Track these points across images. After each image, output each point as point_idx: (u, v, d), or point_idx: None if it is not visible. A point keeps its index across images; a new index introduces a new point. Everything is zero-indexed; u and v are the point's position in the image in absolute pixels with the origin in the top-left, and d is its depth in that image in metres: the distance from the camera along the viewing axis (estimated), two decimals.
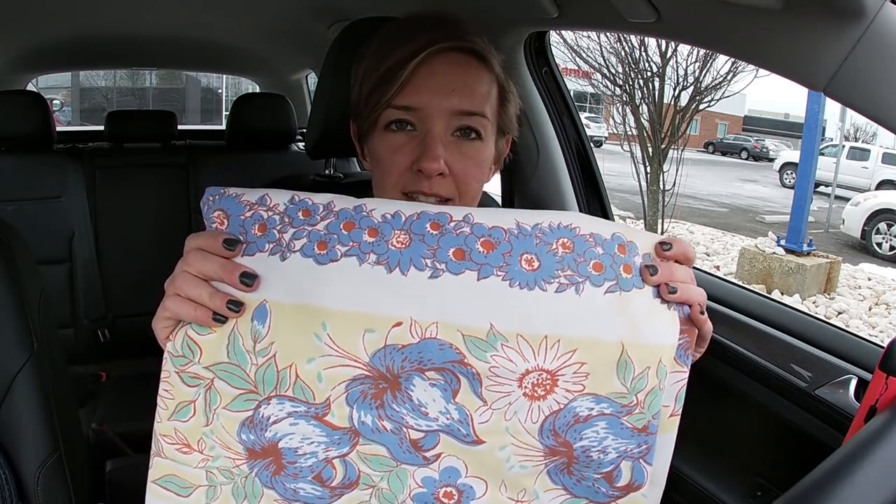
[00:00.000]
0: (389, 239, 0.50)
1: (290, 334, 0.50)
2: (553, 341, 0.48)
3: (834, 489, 0.48)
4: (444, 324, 0.48)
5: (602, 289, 0.49)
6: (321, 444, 0.52)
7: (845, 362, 0.90)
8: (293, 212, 0.52)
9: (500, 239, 0.49)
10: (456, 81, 0.65)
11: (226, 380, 0.52)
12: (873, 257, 7.59)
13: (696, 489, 1.04)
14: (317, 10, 1.66)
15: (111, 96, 12.61)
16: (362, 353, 0.49)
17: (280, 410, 0.52)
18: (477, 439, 0.51)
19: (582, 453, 0.51)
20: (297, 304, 0.50)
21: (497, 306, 0.48)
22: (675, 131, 6.66)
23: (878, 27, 0.60)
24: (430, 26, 0.66)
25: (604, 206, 1.32)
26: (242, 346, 0.51)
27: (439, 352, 0.48)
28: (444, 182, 0.66)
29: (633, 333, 0.49)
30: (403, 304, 0.49)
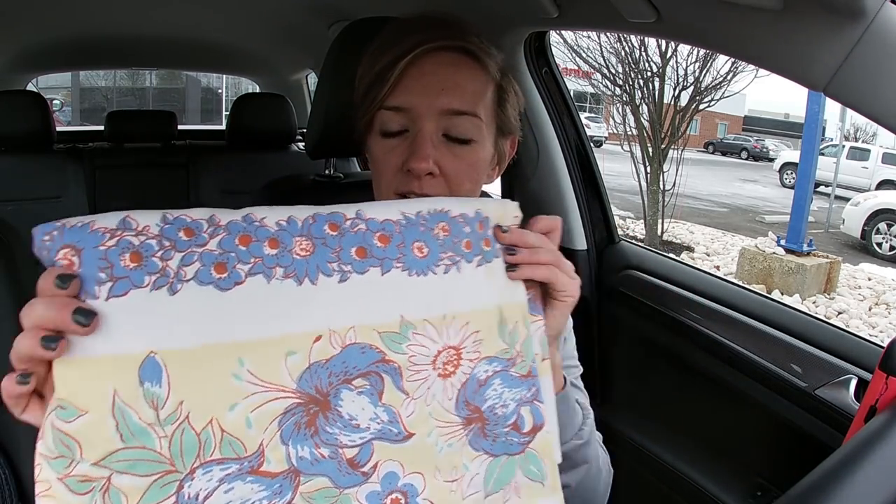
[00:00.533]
0: (292, 248, 0.47)
1: (200, 385, 0.43)
2: (450, 318, 0.51)
3: (834, 489, 0.48)
4: (361, 326, 0.48)
5: (474, 263, 0.53)
6: (262, 500, 0.45)
7: (845, 362, 0.90)
8: (171, 233, 0.44)
9: (393, 231, 0.50)
10: (446, 81, 0.65)
11: (128, 471, 0.41)
12: (873, 257, 7.59)
13: (696, 489, 1.04)
14: (317, 10, 1.66)
15: (111, 96, 12.62)
16: (288, 381, 0.46)
17: (209, 481, 0.43)
18: (407, 433, 0.50)
19: (490, 413, 0.54)
20: (202, 347, 0.44)
21: (403, 297, 0.50)
22: (675, 131, 6.65)
23: (878, 27, 0.60)
24: (424, 27, 0.66)
25: (604, 206, 1.33)
26: (139, 421, 0.41)
27: (361, 356, 0.48)
28: (434, 183, 0.66)
29: (501, 296, 0.55)
30: (319, 316, 0.47)
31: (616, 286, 1.25)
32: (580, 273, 0.61)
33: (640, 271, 1.23)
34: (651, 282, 1.20)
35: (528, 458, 0.55)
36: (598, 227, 1.32)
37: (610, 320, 1.27)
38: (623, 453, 1.19)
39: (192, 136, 2.57)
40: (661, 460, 1.11)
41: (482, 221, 0.55)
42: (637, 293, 1.21)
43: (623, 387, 1.28)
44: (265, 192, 0.97)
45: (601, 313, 1.28)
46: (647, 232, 6.83)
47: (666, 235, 6.90)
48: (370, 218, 0.50)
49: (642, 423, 1.21)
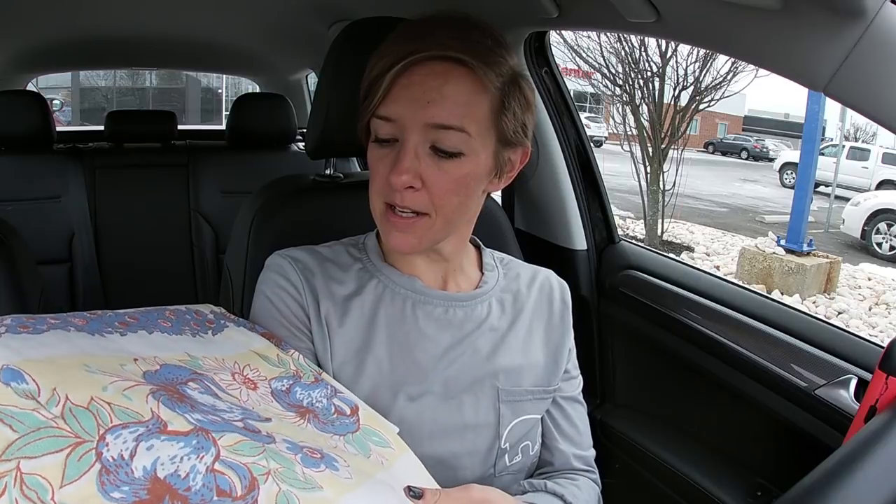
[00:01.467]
0: (69, 320, 0.57)
1: (64, 376, 0.46)
2: (220, 360, 0.62)
3: (834, 489, 0.48)
4: (161, 356, 0.57)
5: (210, 333, 0.66)
6: (191, 454, 0.44)
7: (845, 362, 0.90)
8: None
9: (137, 314, 0.63)
10: (432, 93, 0.63)
11: (35, 454, 0.40)
12: (873, 257, 7.59)
13: (696, 489, 1.04)
14: (317, 10, 1.66)
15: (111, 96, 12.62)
16: (135, 377, 0.51)
17: (124, 442, 0.43)
18: (266, 417, 0.55)
19: (312, 407, 0.61)
20: (48, 358, 0.48)
21: (176, 346, 0.61)
22: (675, 131, 6.65)
23: (878, 27, 0.60)
24: (425, 33, 0.65)
25: (604, 206, 1.33)
26: (21, 410, 0.42)
27: (178, 370, 0.55)
28: (416, 196, 0.66)
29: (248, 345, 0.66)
30: (124, 350, 0.55)
31: (616, 286, 1.25)
32: (580, 273, 0.61)
33: (639, 271, 1.23)
34: (651, 282, 1.20)
35: (366, 432, 0.61)
36: (598, 227, 1.31)
37: (610, 320, 1.27)
38: (623, 453, 1.19)
39: (192, 136, 2.57)
40: (661, 460, 1.11)
41: (197, 311, 0.68)
42: (637, 293, 1.21)
43: (623, 387, 1.28)
44: (265, 192, 0.97)
45: (601, 313, 1.28)
46: (647, 232, 6.83)
47: (666, 235, 6.90)
48: (112, 312, 0.62)
49: (642, 423, 1.20)
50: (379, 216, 0.70)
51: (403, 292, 0.75)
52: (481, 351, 0.75)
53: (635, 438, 1.18)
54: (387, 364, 0.72)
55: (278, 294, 0.73)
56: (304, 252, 0.76)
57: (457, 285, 0.78)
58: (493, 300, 0.79)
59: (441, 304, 0.75)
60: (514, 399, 0.76)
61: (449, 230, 0.71)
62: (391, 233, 0.69)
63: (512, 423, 0.75)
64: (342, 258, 0.76)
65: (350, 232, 0.82)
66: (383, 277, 0.75)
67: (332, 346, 0.72)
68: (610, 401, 1.29)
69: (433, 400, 0.72)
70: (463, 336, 0.75)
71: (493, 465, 0.74)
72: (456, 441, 0.72)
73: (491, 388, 0.75)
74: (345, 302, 0.73)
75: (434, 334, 0.74)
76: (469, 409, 0.73)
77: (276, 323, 0.73)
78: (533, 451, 0.78)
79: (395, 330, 0.73)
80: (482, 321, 0.76)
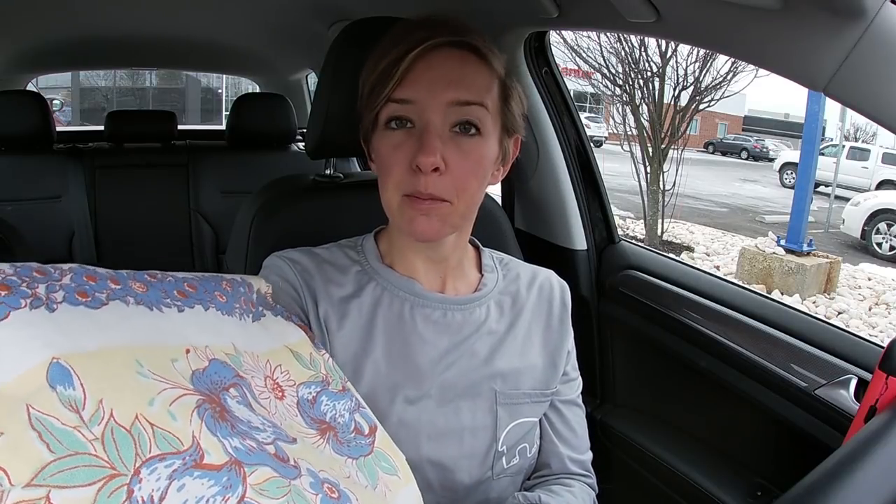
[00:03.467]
0: (130, 285, 0.54)
1: (113, 382, 0.44)
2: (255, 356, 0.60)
3: (834, 489, 0.48)
4: (213, 346, 0.55)
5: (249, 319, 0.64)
6: (216, 496, 0.44)
7: (845, 362, 0.90)
8: (26, 272, 0.48)
9: (195, 282, 0.61)
10: (453, 74, 0.65)
11: (67, 483, 0.38)
12: (873, 257, 7.58)
13: (696, 489, 1.04)
14: (317, 10, 1.66)
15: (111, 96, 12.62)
16: (183, 381, 0.48)
17: (157, 480, 0.42)
18: (291, 437, 0.54)
19: (334, 422, 0.61)
20: (101, 349, 0.46)
21: (226, 331, 0.59)
22: (675, 131, 6.65)
23: (878, 27, 0.60)
24: (429, 26, 0.67)
25: (604, 206, 1.32)
26: (62, 426, 0.40)
27: (224, 368, 0.54)
28: (440, 181, 0.65)
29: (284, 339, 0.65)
30: (180, 335, 0.53)
31: (616, 286, 1.25)
32: (580, 273, 0.62)
33: (639, 271, 1.23)
34: (651, 282, 1.20)
35: (378, 456, 0.61)
36: (598, 227, 1.31)
37: (610, 320, 1.27)
38: (623, 453, 1.19)
39: (192, 136, 2.57)
40: (661, 460, 1.11)
41: (248, 285, 0.67)
42: (637, 293, 1.21)
43: (623, 387, 1.28)
44: (265, 192, 0.97)
45: (601, 313, 1.28)
46: (647, 232, 6.83)
47: (666, 235, 6.90)
48: (172, 275, 0.60)
49: (642, 423, 1.20)
50: (396, 207, 0.68)
51: (402, 295, 0.74)
52: (479, 354, 0.75)
53: (635, 438, 1.18)
54: (385, 367, 0.72)
55: (277, 295, 0.73)
56: (303, 254, 0.76)
57: (455, 288, 0.78)
58: (492, 303, 0.78)
59: (439, 308, 0.75)
60: (512, 402, 0.76)
61: (466, 217, 0.72)
62: (416, 219, 0.67)
63: (509, 426, 0.75)
64: (340, 260, 0.76)
65: (350, 232, 0.82)
66: (381, 280, 0.75)
67: (330, 349, 0.71)
68: (610, 401, 1.29)
69: (431, 403, 0.72)
70: (461, 340, 0.75)
71: (490, 468, 0.74)
72: (454, 444, 0.72)
73: (488, 392, 0.75)
74: (343, 304, 0.73)
75: (432, 338, 0.74)
76: (466, 412, 0.73)
77: None
78: (531, 454, 0.78)
79: (393, 333, 0.73)
80: (480, 325, 0.76)
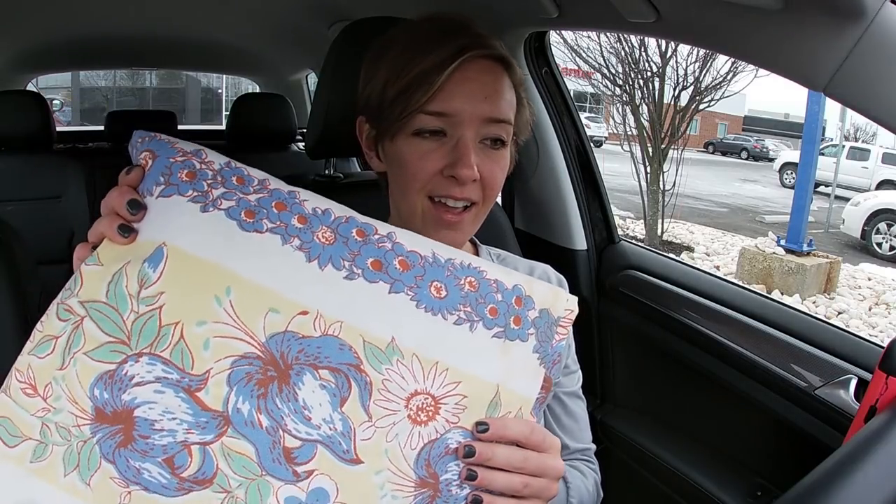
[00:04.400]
0: (316, 231, 0.51)
1: (185, 288, 0.47)
2: (442, 369, 0.50)
3: (834, 489, 0.48)
4: (348, 325, 0.48)
5: (492, 332, 0.52)
6: (184, 423, 0.46)
7: (845, 362, 0.90)
8: (227, 175, 0.52)
9: (416, 263, 0.51)
10: (488, 89, 0.66)
11: (97, 322, 0.47)
12: (873, 257, 7.58)
13: (696, 489, 1.04)
14: (317, 10, 1.66)
15: (111, 96, 12.61)
16: (260, 332, 0.47)
17: (148, 372, 0.46)
18: (356, 458, 0.48)
19: (444, 487, 0.50)
20: (203, 259, 0.48)
21: (401, 322, 0.50)
22: (675, 131, 6.65)
23: (878, 27, 0.60)
24: (456, 31, 0.67)
25: (604, 206, 1.33)
26: (125, 289, 0.48)
27: (338, 351, 0.48)
28: (473, 187, 0.67)
29: (507, 379, 0.52)
30: (314, 295, 0.49)
31: (616, 286, 1.25)
32: (580, 273, 0.61)
33: (639, 271, 1.23)
34: (651, 282, 1.20)
35: None
36: (598, 227, 1.32)
37: (610, 320, 1.27)
38: (623, 453, 1.19)
39: (192, 137, 2.57)
40: (661, 460, 1.11)
41: (521, 298, 0.53)
42: (637, 293, 1.21)
43: (623, 387, 1.28)
44: None
45: (601, 313, 1.28)
46: (647, 232, 6.83)
47: (666, 235, 6.90)
48: (398, 242, 0.52)
49: (642, 423, 1.20)
50: (421, 213, 0.68)
51: None
52: None
53: (635, 438, 1.18)
54: None
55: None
56: None
57: None
58: None
59: None
60: None
61: (483, 218, 0.74)
62: (441, 231, 0.68)
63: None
64: None
65: None
66: None
67: None
68: (610, 401, 1.29)
69: None
70: None
71: None
72: None
73: None
74: None
75: None
76: None
77: None
78: None
79: None
80: None
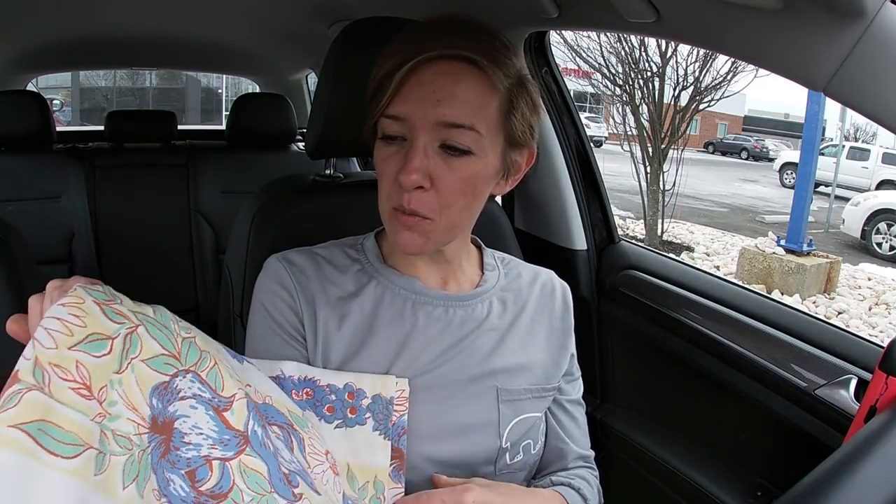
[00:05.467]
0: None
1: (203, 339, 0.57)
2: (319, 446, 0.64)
3: (834, 489, 0.48)
4: (275, 398, 0.62)
5: (332, 425, 0.66)
6: (209, 438, 0.50)
7: (845, 362, 0.90)
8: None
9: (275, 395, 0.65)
10: (443, 91, 0.63)
11: (153, 335, 0.50)
12: (873, 257, 7.58)
13: (696, 489, 1.04)
14: (317, 10, 1.66)
15: (111, 96, 12.60)
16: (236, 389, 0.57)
17: (188, 388, 0.51)
18: (317, 491, 0.57)
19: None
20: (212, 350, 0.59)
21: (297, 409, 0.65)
22: (675, 131, 6.65)
23: (878, 27, 0.60)
24: (433, 34, 0.65)
25: (604, 206, 1.32)
26: (168, 314, 0.54)
27: (277, 414, 0.60)
28: (424, 197, 0.65)
29: (355, 457, 0.66)
30: (246, 378, 0.61)
31: (616, 286, 1.25)
32: (580, 273, 0.62)
33: (639, 271, 1.23)
34: (651, 282, 1.20)
35: None
36: (598, 227, 1.31)
37: (610, 320, 1.27)
38: (623, 453, 1.19)
39: (192, 136, 2.57)
40: (661, 460, 1.11)
41: (352, 392, 0.68)
42: (637, 293, 1.21)
43: (623, 387, 1.28)
44: (265, 192, 0.97)
45: (601, 313, 1.28)
46: (647, 232, 6.83)
47: (666, 235, 6.90)
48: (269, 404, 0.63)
49: (642, 423, 1.20)
50: (387, 218, 0.70)
51: (403, 293, 0.74)
52: (481, 350, 0.75)
53: (635, 438, 1.18)
54: (386, 365, 0.72)
55: (272, 300, 0.73)
56: (301, 255, 0.75)
57: (457, 285, 0.78)
58: (494, 299, 0.79)
59: (441, 305, 0.75)
60: (514, 398, 0.76)
61: (453, 233, 0.72)
62: (399, 232, 0.68)
63: (512, 422, 0.75)
64: (340, 259, 0.76)
65: (350, 232, 0.82)
66: (382, 279, 0.75)
67: (329, 351, 0.71)
68: (610, 401, 1.29)
69: (433, 400, 0.72)
70: (463, 336, 0.75)
71: (493, 464, 0.74)
72: (456, 441, 0.72)
73: (490, 388, 0.75)
74: (343, 304, 0.73)
75: (434, 335, 0.74)
76: (469, 408, 0.73)
77: (270, 330, 0.72)
78: (535, 450, 0.78)
79: (394, 331, 0.73)
80: (482, 321, 0.76)
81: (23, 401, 0.40)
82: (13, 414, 0.39)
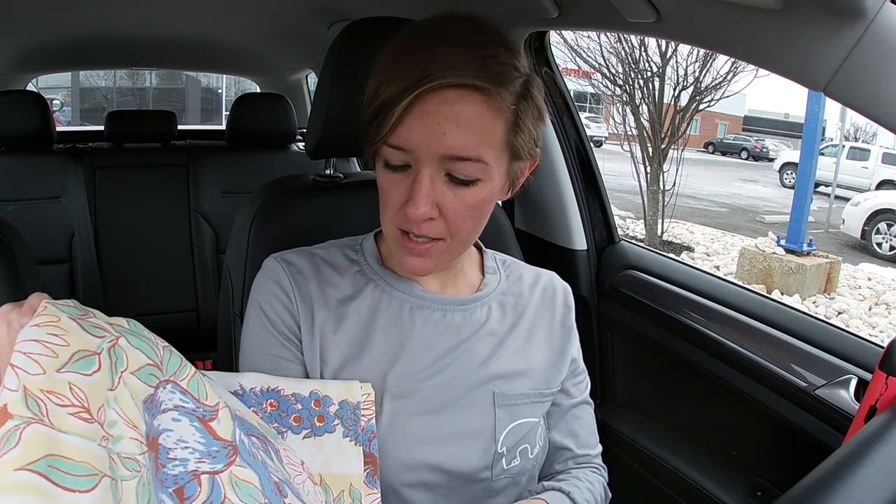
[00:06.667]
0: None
1: None
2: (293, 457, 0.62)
3: (834, 489, 0.48)
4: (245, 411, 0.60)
5: (300, 435, 0.64)
6: (196, 451, 0.46)
7: (845, 362, 0.90)
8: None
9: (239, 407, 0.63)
10: (448, 122, 0.60)
11: (135, 345, 0.48)
12: (873, 257, 7.58)
13: (696, 489, 1.04)
14: (317, 10, 1.66)
15: (111, 96, 12.60)
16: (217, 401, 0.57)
17: (170, 400, 0.47)
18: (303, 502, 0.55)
19: None
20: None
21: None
22: (675, 131, 6.65)
23: (878, 27, 0.60)
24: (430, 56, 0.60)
25: (604, 206, 1.33)
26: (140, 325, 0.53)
27: (251, 426, 0.58)
28: (432, 224, 0.65)
29: (326, 467, 0.64)
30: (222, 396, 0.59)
31: (616, 286, 1.25)
32: (580, 273, 0.62)
33: (639, 271, 1.23)
34: (651, 282, 1.20)
35: None
36: (598, 227, 1.31)
37: (610, 320, 1.27)
38: (623, 453, 1.19)
39: (192, 136, 2.57)
40: (661, 460, 1.11)
41: (318, 400, 0.66)
42: (637, 293, 1.21)
43: (623, 387, 1.28)
44: (265, 192, 0.97)
45: (601, 313, 1.28)
46: (647, 232, 6.83)
47: (666, 235, 6.90)
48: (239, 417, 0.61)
49: (642, 423, 1.20)
50: (392, 239, 0.69)
51: (401, 297, 0.74)
52: (479, 355, 0.74)
53: (635, 439, 1.18)
54: (383, 369, 0.71)
55: (269, 301, 0.72)
56: (300, 255, 0.75)
57: (457, 288, 0.77)
58: (494, 303, 0.78)
59: (439, 309, 0.74)
60: (511, 403, 0.75)
61: (464, 249, 0.72)
62: (406, 257, 0.68)
63: (508, 427, 0.74)
64: (338, 260, 0.76)
65: (350, 232, 0.82)
66: (381, 281, 0.75)
67: (326, 353, 0.71)
68: (610, 401, 1.29)
69: (429, 404, 0.72)
70: (461, 340, 0.74)
71: (489, 469, 0.73)
72: (452, 445, 0.72)
73: (487, 393, 0.74)
74: (341, 307, 0.73)
75: (432, 339, 0.73)
76: (465, 413, 0.73)
77: (266, 331, 0.72)
78: (532, 455, 0.77)
79: (392, 335, 0.72)
80: (481, 325, 0.76)
81: (24, 438, 0.35)
82: (17, 455, 0.35)
